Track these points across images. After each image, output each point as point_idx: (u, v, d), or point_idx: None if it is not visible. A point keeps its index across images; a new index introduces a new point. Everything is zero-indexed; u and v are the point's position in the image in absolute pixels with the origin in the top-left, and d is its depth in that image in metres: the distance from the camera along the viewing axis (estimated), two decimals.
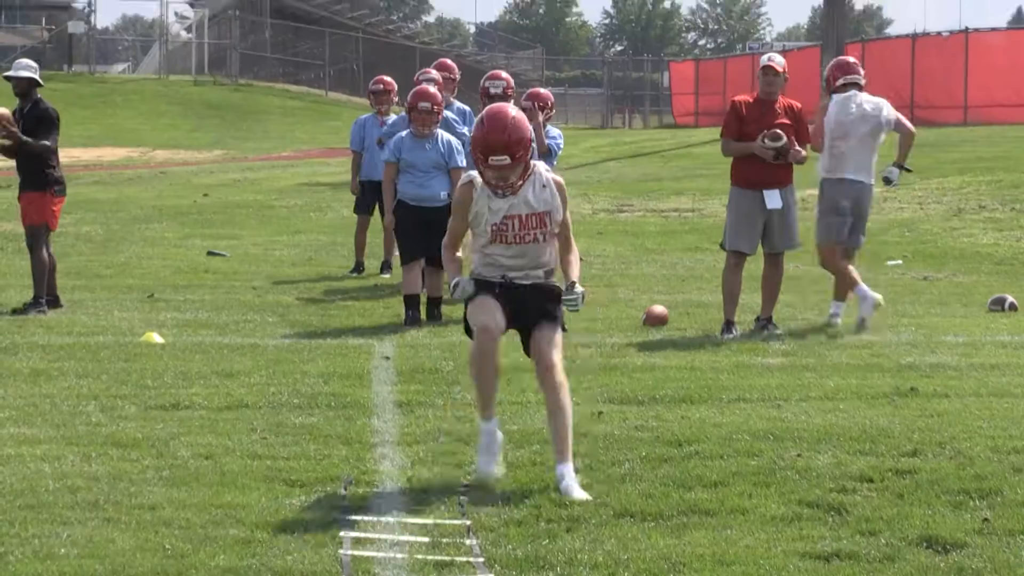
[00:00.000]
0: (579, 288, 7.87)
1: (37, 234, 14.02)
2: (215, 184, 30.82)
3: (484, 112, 7.91)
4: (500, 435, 7.91)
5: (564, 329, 7.94)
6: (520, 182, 7.75)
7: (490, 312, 7.77)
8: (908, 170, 13.94)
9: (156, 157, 40.33)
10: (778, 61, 13.03)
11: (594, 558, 6.45)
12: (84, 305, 14.45)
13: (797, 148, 12.78)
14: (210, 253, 19.39)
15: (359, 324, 13.50)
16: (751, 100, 13.03)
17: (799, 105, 13.16)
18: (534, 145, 8.03)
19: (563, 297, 7.88)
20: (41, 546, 6.57)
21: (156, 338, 12.29)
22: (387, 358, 11.52)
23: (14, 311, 13.76)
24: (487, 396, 7.83)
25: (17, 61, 14.50)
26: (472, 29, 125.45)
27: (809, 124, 13.29)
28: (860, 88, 13.59)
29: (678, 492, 7.52)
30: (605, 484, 7.66)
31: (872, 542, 6.70)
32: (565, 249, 7.98)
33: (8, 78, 14.18)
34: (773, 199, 12.82)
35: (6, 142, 13.89)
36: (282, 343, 12.31)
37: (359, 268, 17.61)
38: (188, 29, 71.63)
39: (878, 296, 13.22)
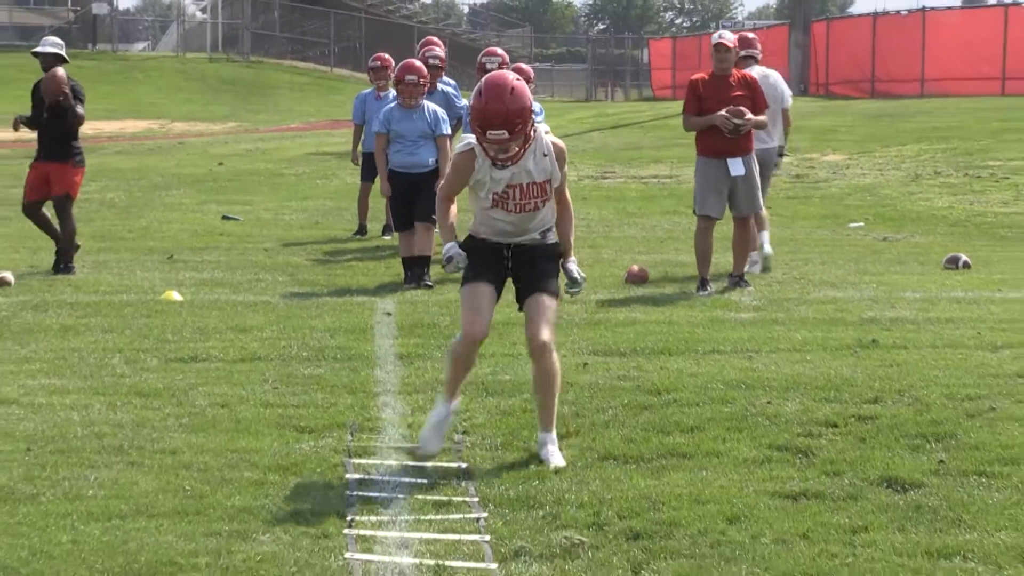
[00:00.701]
0: (579, 275, 7.36)
1: (63, 204, 13.92)
2: (229, 154, 30.72)
3: (483, 81, 7.09)
4: (452, 418, 7.36)
5: (557, 294, 7.39)
6: (521, 151, 7.06)
7: (480, 310, 7.12)
8: (785, 155, 14.16)
9: (174, 129, 40.19)
10: (728, 38, 12.93)
11: (580, 498, 6.46)
12: (108, 266, 14.41)
13: (755, 117, 12.70)
14: (225, 217, 19.34)
15: (362, 283, 13.47)
16: (707, 77, 12.90)
17: (752, 76, 13.08)
18: (534, 112, 7.34)
19: (568, 289, 7.37)
20: (71, 487, 6.58)
21: (175, 296, 12.27)
22: (388, 314, 11.51)
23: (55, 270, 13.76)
24: (457, 382, 7.34)
25: (44, 38, 14.44)
26: (466, 9, 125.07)
27: None
28: (756, 61, 13.95)
29: (657, 437, 7.53)
30: (590, 430, 7.66)
31: (836, 482, 6.71)
32: (561, 207, 7.44)
33: (36, 54, 14.11)
34: (736, 166, 12.76)
35: (60, 99, 13.69)
36: (291, 300, 12.29)
37: (362, 231, 17.57)
38: (203, 10, 71.33)
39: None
